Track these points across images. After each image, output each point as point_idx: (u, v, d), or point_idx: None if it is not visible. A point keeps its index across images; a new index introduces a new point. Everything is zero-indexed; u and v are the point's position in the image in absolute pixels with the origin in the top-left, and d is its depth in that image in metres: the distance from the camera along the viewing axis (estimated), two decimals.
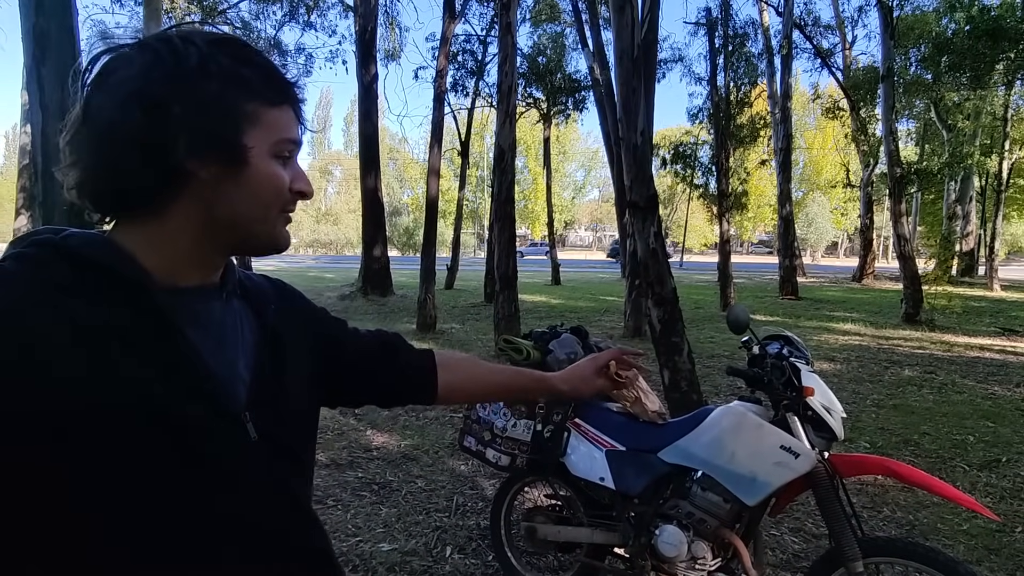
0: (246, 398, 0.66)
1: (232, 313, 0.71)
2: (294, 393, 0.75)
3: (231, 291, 0.72)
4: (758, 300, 13.39)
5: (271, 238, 0.68)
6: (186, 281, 0.65)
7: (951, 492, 1.67)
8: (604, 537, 2.17)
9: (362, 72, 12.96)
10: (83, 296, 0.57)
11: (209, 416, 0.61)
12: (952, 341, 8.08)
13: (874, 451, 4.00)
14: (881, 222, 28.38)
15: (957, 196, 18.54)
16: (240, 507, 0.64)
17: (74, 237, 0.60)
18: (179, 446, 0.58)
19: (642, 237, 3.56)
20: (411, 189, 49.82)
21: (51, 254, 0.58)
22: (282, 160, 0.66)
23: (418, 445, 4.02)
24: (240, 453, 0.64)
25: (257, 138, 0.63)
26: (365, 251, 13.30)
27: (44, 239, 0.60)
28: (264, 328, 0.73)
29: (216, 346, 0.66)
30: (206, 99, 0.60)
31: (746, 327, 1.97)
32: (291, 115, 0.67)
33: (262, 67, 0.65)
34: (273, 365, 0.72)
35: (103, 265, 0.59)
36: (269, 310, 0.76)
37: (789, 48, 14.45)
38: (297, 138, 0.68)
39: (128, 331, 0.58)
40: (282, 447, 0.70)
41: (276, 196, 0.66)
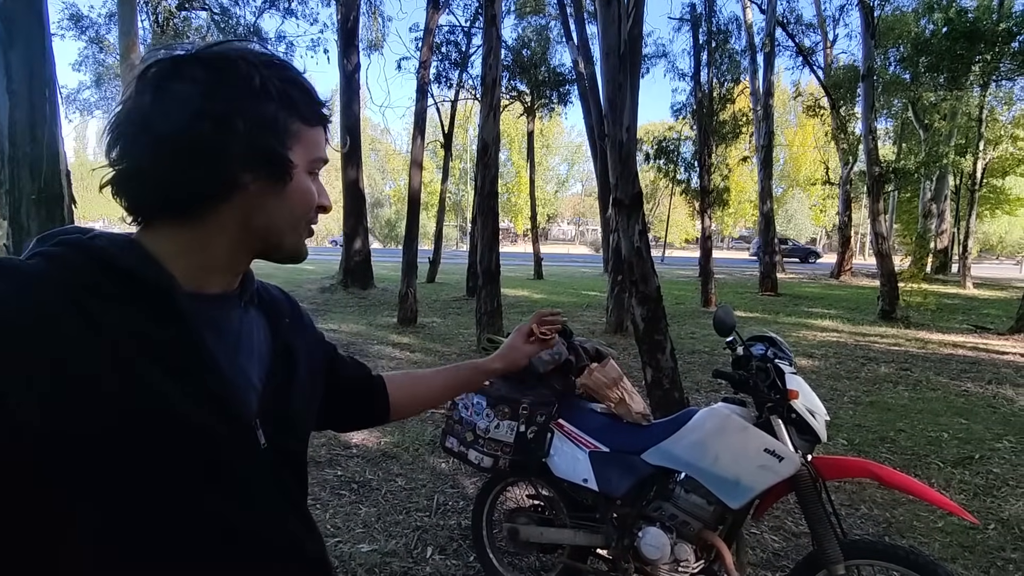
0: (257, 406, 0.68)
1: (249, 322, 0.73)
2: (300, 405, 0.77)
3: (249, 300, 0.74)
4: (738, 296, 13.53)
5: (296, 248, 0.72)
6: (209, 288, 0.67)
7: (932, 495, 1.68)
8: (587, 539, 2.15)
9: (344, 62, 12.75)
10: (109, 299, 0.57)
11: (223, 422, 0.62)
12: (926, 338, 8.23)
13: (851, 448, 4.05)
14: (859, 219, 28.84)
15: (932, 195, 18.87)
16: (248, 513, 0.66)
17: (101, 238, 0.62)
18: (193, 451, 0.60)
19: (627, 235, 3.54)
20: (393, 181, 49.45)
21: (78, 255, 0.59)
22: (313, 176, 0.71)
23: (398, 443, 3.97)
24: (250, 460, 0.66)
25: (299, 155, 0.67)
26: (346, 243, 13.13)
27: (72, 239, 0.60)
28: (277, 339, 0.76)
29: (232, 353, 0.67)
30: (265, 118, 0.64)
31: (732, 329, 1.96)
32: (323, 135, 0.72)
33: (305, 89, 0.69)
34: (284, 376, 0.74)
35: (130, 269, 0.60)
36: (284, 322, 0.79)
37: (772, 46, 14.55)
38: (327, 156, 0.73)
39: (150, 336, 0.59)
40: (288, 456, 0.72)
41: (308, 209, 0.70)
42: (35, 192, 4.26)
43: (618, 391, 2.13)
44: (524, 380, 2.20)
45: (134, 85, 0.62)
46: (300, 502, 0.76)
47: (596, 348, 2.39)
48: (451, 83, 14.89)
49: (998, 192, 23.27)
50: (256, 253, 0.70)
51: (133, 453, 0.56)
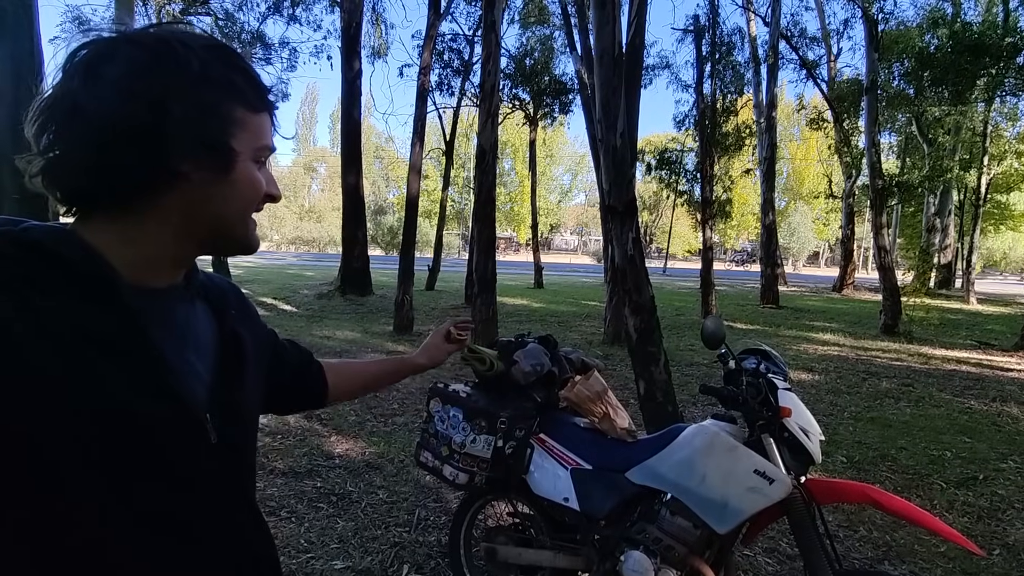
0: (207, 400, 0.66)
1: (195, 314, 0.71)
2: (249, 397, 0.76)
3: (195, 292, 0.72)
4: (739, 308, 13.41)
5: (246, 239, 0.69)
6: (154, 281, 0.65)
7: (933, 523, 1.56)
8: (567, 561, 2.03)
9: (346, 68, 12.77)
10: (47, 291, 0.55)
11: (172, 417, 0.61)
12: (929, 353, 8.10)
13: (851, 466, 3.92)
14: (862, 233, 28.71)
15: (936, 209, 18.77)
16: (198, 510, 0.64)
17: (36, 229, 0.59)
18: (141, 446, 0.58)
19: (620, 243, 3.44)
20: (397, 188, 49.49)
21: (10, 246, 0.56)
22: (259, 165, 0.68)
23: (383, 453, 3.85)
24: (201, 455, 0.64)
25: (243, 143, 0.65)
26: (345, 250, 13.07)
27: (4, 231, 0.57)
28: (225, 331, 0.74)
29: (179, 347, 0.66)
30: (205, 104, 0.61)
31: (722, 341, 1.85)
32: (269, 122, 0.69)
33: (248, 74, 0.66)
34: (233, 368, 0.73)
35: (69, 260, 0.58)
36: (230, 313, 0.77)
37: (775, 58, 14.52)
38: (273, 144, 0.70)
39: (93, 329, 0.57)
40: (238, 450, 0.71)
41: (254, 199, 0.68)
42: (18, 191, 4.18)
43: (602, 405, 2.02)
44: (504, 392, 2.09)
45: (62, 68, 0.59)
46: (251, 498, 0.75)
47: (582, 359, 2.29)
48: (453, 91, 14.89)
49: (1002, 208, 23.14)
50: (203, 245, 0.67)
51: (77, 447, 0.54)
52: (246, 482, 0.74)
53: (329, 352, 7.05)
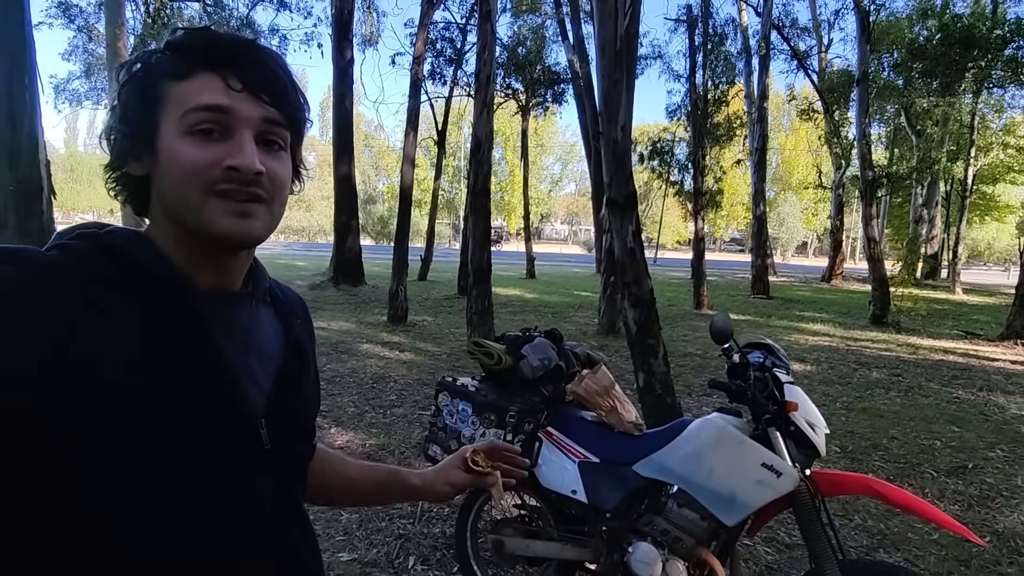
0: (264, 407, 0.66)
1: (259, 320, 0.71)
2: (307, 407, 0.76)
3: (260, 299, 0.72)
4: (730, 299, 13.52)
5: (202, 225, 0.61)
6: (204, 283, 0.64)
7: (936, 515, 1.60)
8: (575, 553, 2.06)
9: (338, 56, 12.62)
10: (119, 292, 0.57)
11: (227, 421, 0.61)
12: (917, 343, 8.22)
13: (844, 455, 4.00)
14: (850, 224, 28.96)
15: (924, 200, 18.98)
16: (249, 516, 0.64)
17: (116, 233, 0.62)
18: (195, 447, 0.58)
19: (620, 236, 3.45)
20: (387, 177, 49.17)
21: (93, 247, 0.59)
22: (201, 134, 0.60)
23: (384, 444, 3.87)
24: (253, 460, 0.64)
25: (167, 119, 0.60)
26: (337, 240, 12.99)
27: (89, 233, 0.61)
28: (289, 339, 0.74)
29: (241, 352, 0.66)
30: (126, 99, 0.62)
31: (730, 336, 1.88)
32: (208, 81, 0.61)
33: (178, 44, 0.62)
34: (294, 376, 0.72)
35: (140, 263, 0.59)
36: (296, 322, 0.76)
37: (767, 49, 14.54)
38: (213, 103, 0.60)
39: (157, 330, 0.58)
40: (291, 458, 0.71)
41: (187, 177, 0.60)
42: (13, 183, 4.13)
43: (609, 399, 2.04)
44: (512, 386, 2.11)
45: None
46: (302, 512, 0.74)
47: (587, 353, 2.31)
48: (445, 80, 14.78)
49: (988, 199, 23.42)
50: (188, 240, 0.63)
51: (132, 446, 0.54)
52: (297, 491, 0.73)
53: (324, 343, 7.03)
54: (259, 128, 0.62)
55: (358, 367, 5.90)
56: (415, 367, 6.02)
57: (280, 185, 0.65)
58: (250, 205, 0.61)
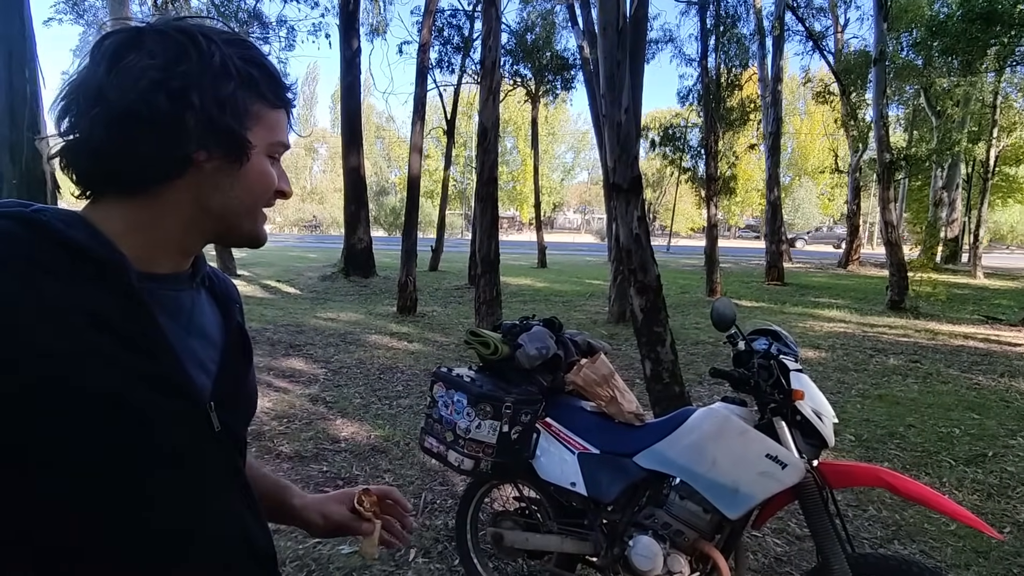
0: (211, 388, 0.66)
1: (200, 303, 0.71)
2: (252, 389, 0.78)
3: (200, 282, 0.72)
4: (744, 285, 13.33)
5: (253, 232, 0.70)
6: (160, 267, 0.65)
7: (950, 507, 1.52)
8: (575, 546, 2.01)
9: (345, 46, 12.55)
10: (56, 274, 0.55)
11: (176, 405, 0.61)
12: (936, 329, 8.03)
13: (859, 444, 3.90)
14: (867, 208, 28.43)
15: (944, 183, 18.51)
16: (201, 501, 0.65)
17: (47, 212, 0.59)
18: (144, 433, 0.58)
19: (625, 221, 3.37)
20: (399, 168, 49.10)
21: (24, 228, 0.57)
22: (272, 160, 0.69)
23: (388, 436, 3.85)
24: (204, 443, 0.65)
25: (258, 137, 0.66)
26: (347, 231, 12.99)
27: (15, 212, 0.58)
28: (231, 322, 0.75)
29: (184, 335, 0.66)
30: (224, 96, 0.62)
31: (732, 323, 1.80)
32: (285, 118, 0.70)
33: (267, 70, 0.67)
34: (238, 360, 0.74)
35: (77, 242, 0.58)
36: (235, 306, 0.78)
37: (781, 30, 14.20)
38: (288, 142, 0.70)
39: (99, 312, 0.57)
40: (238, 440, 0.72)
41: (265, 193, 0.69)
42: (16, 176, 4.13)
43: (609, 389, 1.98)
44: (508, 376, 2.06)
45: (89, 55, 0.61)
46: (251, 491, 0.74)
47: (588, 342, 2.25)
48: (453, 68, 14.64)
49: (1010, 181, 22.80)
50: (211, 235, 0.68)
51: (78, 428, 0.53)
52: (244, 471, 0.74)
53: (333, 334, 7.03)
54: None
55: (365, 358, 5.88)
56: (423, 358, 5.99)
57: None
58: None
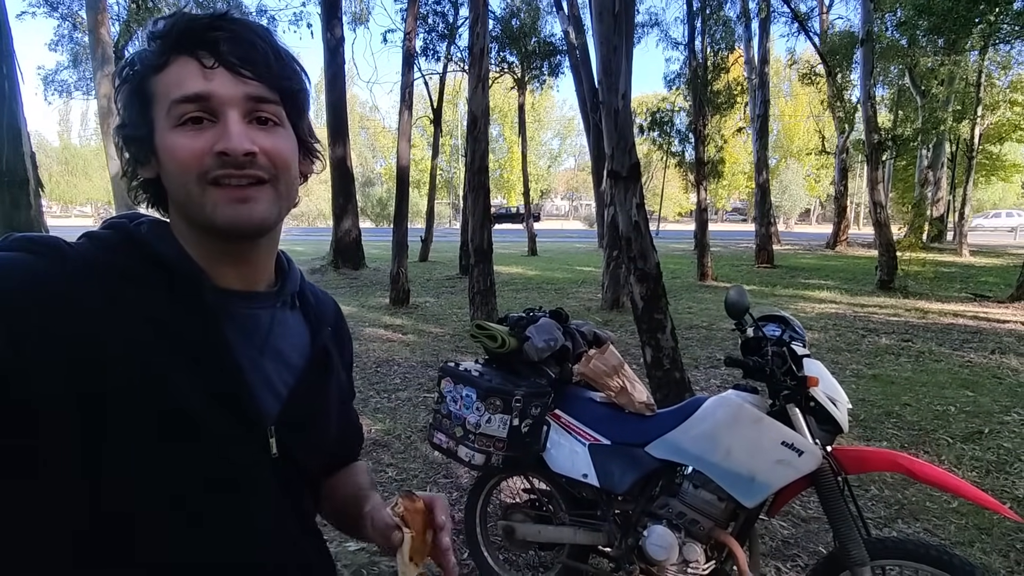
0: (277, 413, 0.64)
1: (282, 323, 0.68)
2: (329, 418, 0.73)
3: (286, 301, 0.69)
4: (734, 269, 13.40)
5: (206, 218, 0.59)
6: (230, 282, 0.63)
7: (970, 491, 1.52)
8: (588, 537, 2.01)
9: (328, 35, 12.35)
10: (138, 283, 0.57)
11: (232, 425, 0.59)
12: (926, 308, 8.12)
13: (856, 424, 3.93)
14: (854, 189, 28.63)
15: (929, 162, 18.67)
16: (251, 526, 0.62)
17: (144, 224, 0.62)
18: (194, 449, 0.57)
19: (623, 209, 3.34)
20: (384, 159, 48.69)
21: (121, 238, 0.60)
22: (191, 124, 0.57)
23: (390, 430, 3.82)
24: (257, 468, 0.62)
25: (159, 115, 0.59)
26: (335, 223, 12.88)
27: (119, 223, 0.62)
28: (316, 345, 0.71)
29: (256, 355, 0.63)
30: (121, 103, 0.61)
31: (746, 310, 1.79)
32: (184, 67, 0.58)
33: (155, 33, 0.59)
34: (316, 386, 0.70)
35: (162, 257, 0.59)
36: (326, 330, 0.73)
37: (767, 12, 14.18)
38: (192, 92, 0.57)
39: (170, 324, 0.57)
40: (302, 470, 0.67)
41: (183, 170, 0.58)
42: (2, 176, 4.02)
43: (619, 379, 1.96)
44: (516, 369, 2.03)
45: None
46: (311, 522, 0.72)
47: (594, 332, 2.23)
48: (439, 55, 14.47)
49: (993, 158, 23.05)
50: (202, 235, 0.62)
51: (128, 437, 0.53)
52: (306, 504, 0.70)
53: None
54: (245, 107, 0.58)
55: (361, 351, 5.84)
56: (419, 349, 5.96)
57: (283, 163, 0.61)
58: (249, 190, 0.58)
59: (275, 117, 0.60)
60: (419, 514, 0.68)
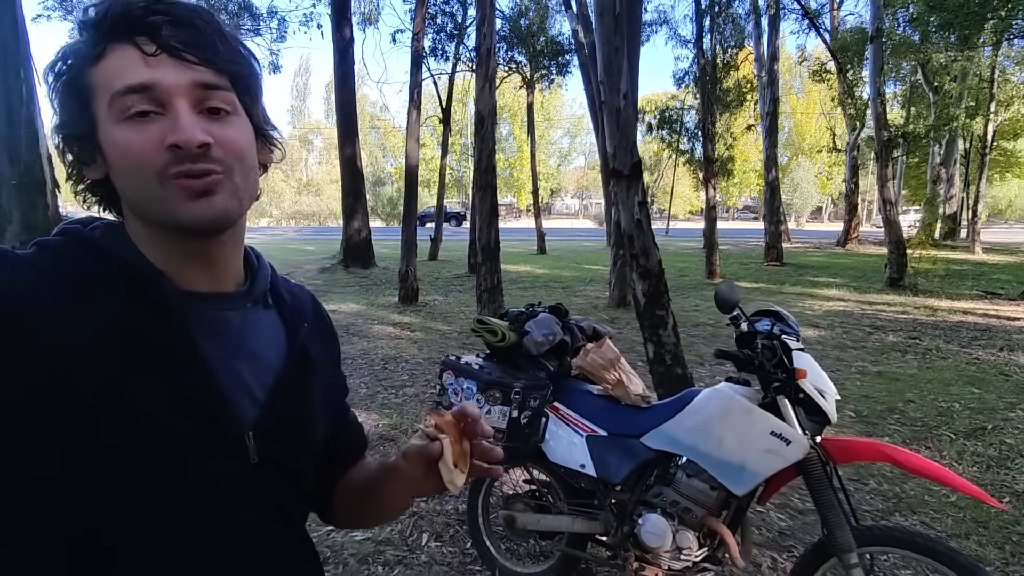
0: (255, 417, 0.61)
1: (255, 323, 0.65)
2: (310, 418, 0.69)
3: (257, 300, 0.66)
4: (743, 267, 13.37)
5: (167, 216, 0.55)
6: (196, 284, 0.60)
7: (953, 480, 1.57)
8: (585, 526, 2.07)
9: (337, 36, 12.46)
10: (96, 289, 0.55)
11: (204, 432, 0.57)
12: (935, 305, 8.09)
13: (859, 419, 3.96)
14: (866, 186, 28.39)
15: (942, 159, 18.50)
16: (229, 537, 0.59)
17: (99, 227, 0.60)
18: (164, 460, 0.54)
19: (626, 207, 3.39)
20: (394, 158, 48.94)
21: (73, 245, 0.57)
22: (137, 117, 0.53)
23: (396, 424, 3.90)
24: (237, 475, 0.59)
25: (98, 110, 0.55)
26: (345, 223, 12.99)
27: (71, 228, 0.59)
28: (293, 343, 0.68)
29: (228, 357, 0.61)
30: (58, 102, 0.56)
31: (736, 305, 1.84)
32: (123, 56, 0.54)
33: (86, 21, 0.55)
34: (296, 385, 0.66)
35: (117, 258, 0.57)
36: (302, 327, 0.70)
37: (776, 8, 14.12)
38: (135, 82, 0.53)
39: (134, 331, 0.54)
40: (288, 474, 0.65)
41: (136, 167, 0.54)
42: (15, 177, 4.14)
43: (615, 372, 2.02)
44: (516, 362, 2.09)
45: None
46: (297, 528, 0.69)
47: (593, 327, 2.29)
48: (448, 55, 14.54)
49: (1008, 155, 22.76)
50: (159, 236, 0.59)
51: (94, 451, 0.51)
52: (295, 509, 0.68)
53: (336, 325, 7.06)
54: (194, 95, 0.55)
55: (369, 348, 5.92)
56: (426, 347, 6.03)
57: (237, 152, 0.57)
58: (208, 180, 0.55)
59: (227, 105, 0.57)
60: (450, 424, 0.65)
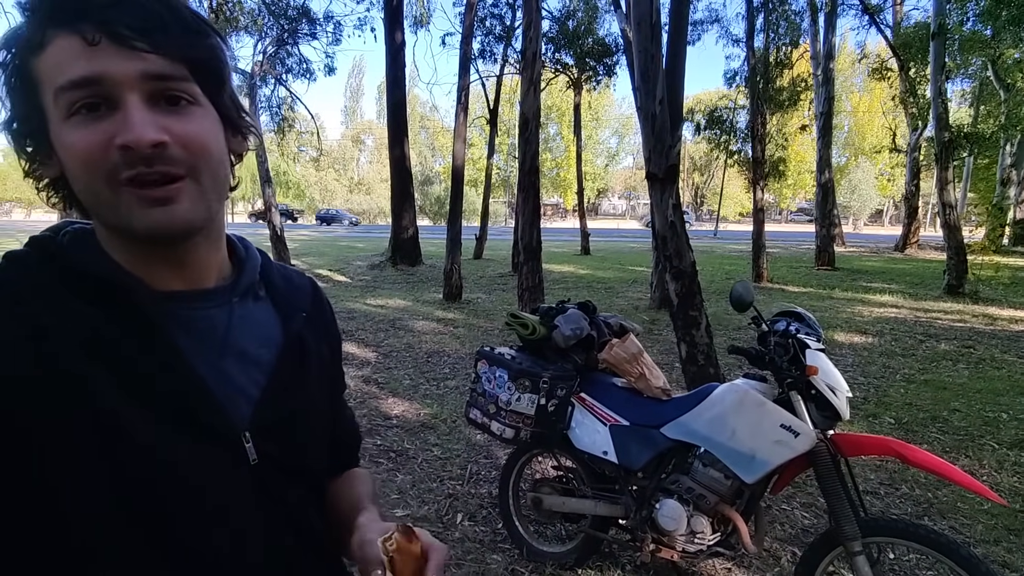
0: (250, 416, 0.58)
1: (246, 319, 0.62)
2: (315, 411, 0.66)
3: (245, 293, 0.63)
4: (792, 270, 13.06)
5: (122, 224, 0.52)
6: (166, 285, 0.56)
7: (957, 475, 1.62)
8: (607, 509, 2.20)
9: (390, 39, 12.86)
10: (68, 304, 0.51)
11: (195, 439, 0.54)
12: (996, 314, 7.76)
13: (898, 427, 3.92)
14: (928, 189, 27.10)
15: (1013, 160, 17.51)
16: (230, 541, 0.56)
17: (68, 234, 0.57)
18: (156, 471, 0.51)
19: (660, 209, 3.49)
20: (443, 157, 49.69)
21: (39, 256, 0.54)
22: (86, 112, 0.48)
23: (436, 414, 4.10)
24: (235, 480, 0.57)
25: (48, 102, 0.49)
26: (394, 221, 13.40)
27: (40, 238, 0.56)
28: (289, 334, 0.64)
29: (215, 358, 0.58)
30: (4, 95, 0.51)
31: (750, 305, 1.93)
32: (66, 46, 0.48)
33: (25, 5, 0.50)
34: (294, 379, 0.63)
35: (87, 269, 0.53)
36: (299, 315, 0.66)
37: (833, 5, 13.71)
38: (79, 76, 0.47)
39: (110, 345, 0.51)
40: (289, 469, 0.61)
41: (86, 169, 0.49)
42: None
43: (638, 366, 2.14)
44: (546, 354, 2.25)
45: None
46: (312, 536, 0.64)
47: (620, 323, 2.41)
48: (496, 58, 14.78)
49: None
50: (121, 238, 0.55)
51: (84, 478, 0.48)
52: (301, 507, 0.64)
53: (383, 320, 7.37)
54: (147, 87, 0.49)
55: (413, 342, 6.18)
56: (468, 342, 6.24)
57: (200, 148, 0.52)
58: (169, 187, 0.50)
59: (187, 95, 0.51)
60: (412, 558, 0.55)
